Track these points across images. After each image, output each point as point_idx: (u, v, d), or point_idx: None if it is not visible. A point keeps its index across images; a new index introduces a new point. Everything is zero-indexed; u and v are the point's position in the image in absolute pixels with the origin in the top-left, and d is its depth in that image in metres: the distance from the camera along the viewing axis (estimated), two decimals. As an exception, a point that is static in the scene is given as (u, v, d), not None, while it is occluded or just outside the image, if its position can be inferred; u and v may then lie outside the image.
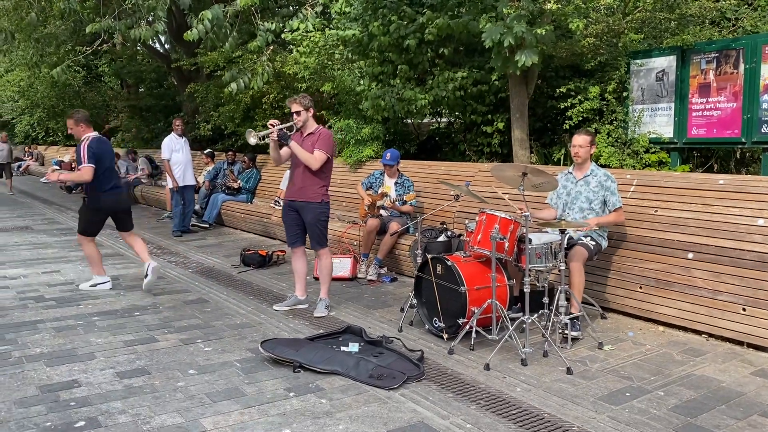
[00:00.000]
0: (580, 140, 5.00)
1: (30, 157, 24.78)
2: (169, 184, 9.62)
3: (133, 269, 7.21)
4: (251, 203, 10.36)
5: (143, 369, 4.15)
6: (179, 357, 4.38)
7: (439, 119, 10.05)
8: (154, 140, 17.07)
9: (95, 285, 6.26)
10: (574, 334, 4.63)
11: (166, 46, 17.33)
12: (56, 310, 5.53)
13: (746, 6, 7.21)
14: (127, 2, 8.84)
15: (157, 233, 9.83)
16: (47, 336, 4.82)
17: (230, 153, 11.24)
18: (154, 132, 17.54)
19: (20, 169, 23.05)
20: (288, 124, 5.23)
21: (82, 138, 6.00)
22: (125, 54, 18.32)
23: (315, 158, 5.19)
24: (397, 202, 6.81)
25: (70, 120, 6.09)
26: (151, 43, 14.52)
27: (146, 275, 6.02)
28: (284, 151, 5.34)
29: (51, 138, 25.70)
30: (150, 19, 9.76)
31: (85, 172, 5.89)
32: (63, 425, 3.34)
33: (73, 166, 18.84)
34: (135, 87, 20.58)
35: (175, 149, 9.42)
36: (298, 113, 5.24)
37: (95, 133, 6.12)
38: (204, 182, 10.91)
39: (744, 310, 4.46)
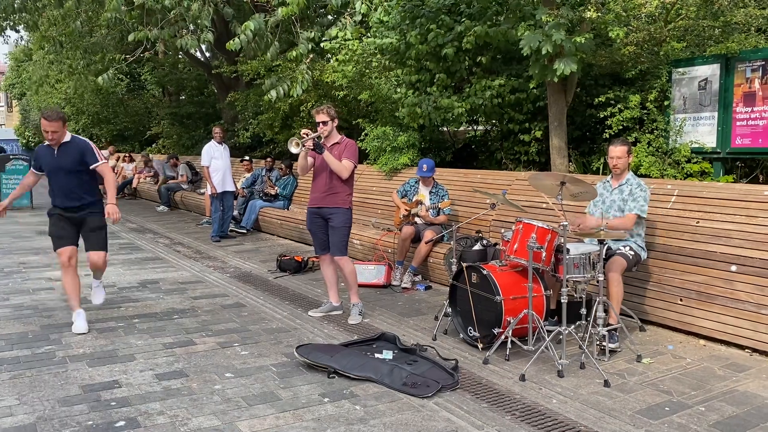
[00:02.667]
0: (617, 152, 4.93)
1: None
2: (209, 190, 9.79)
3: (172, 273, 7.35)
4: (288, 210, 10.48)
5: (181, 371, 4.22)
6: (216, 360, 4.45)
7: (475, 127, 10.01)
8: (194, 147, 17.39)
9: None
10: (612, 346, 4.55)
11: (207, 54, 17.67)
12: (98, 311, 5.67)
13: (794, 13, 7.02)
14: (171, 12, 9.05)
15: (196, 238, 10.01)
16: (89, 337, 4.94)
17: (268, 160, 11.40)
18: (195, 139, 17.87)
19: None
20: (316, 134, 5.30)
21: (67, 137, 5.06)
22: (167, 62, 18.74)
23: (345, 167, 5.29)
24: (431, 211, 6.80)
25: (59, 122, 4.94)
26: (192, 51, 14.82)
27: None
28: (309, 160, 5.45)
29: (95, 143, 26.41)
30: (192, 28, 9.97)
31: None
32: (104, 424, 3.43)
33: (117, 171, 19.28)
34: (176, 95, 21.04)
35: (214, 156, 9.61)
36: (324, 123, 5.34)
37: None
38: (240, 189, 11.06)
39: (790, 325, 4.33)
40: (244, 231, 10.38)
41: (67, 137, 5.06)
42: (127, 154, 18.98)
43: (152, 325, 5.29)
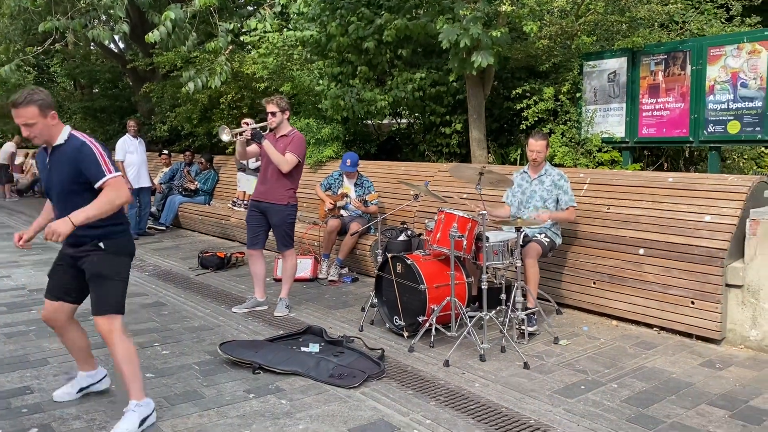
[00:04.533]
0: (538, 146, 5.10)
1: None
2: (124, 186, 9.44)
3: (87, 273, 7.05)
4: (209, 205, 10.24)
5: (98, 374, 4.06)
6: (136, 361, 4.30)
7: (399, 120, 10.10)
8: (108, 142, 16.68)
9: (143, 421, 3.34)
10: (531, 329, 4.72)
11: (121, 45, 16.98)
12: (7, 315, 5.38)
13: (693, 10, 7.45)
14: (81, 1, 8.63)
15: (112, 236, 9.62)
16: (-3, 342, 4.69)
17: (187, 153, 11.07)
18: (109, 133, 17.15)
19: None
20: (262, 124, 5.20)
21: (63, 136, 3.29)
22: (78, 54, 17.88)
23: (287, 161, 5.19)
24: (363, 204, 6.82)
25: (31, 107, 3.15)
26: (105, 43, 14.21)
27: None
28: (251, 148, 5.32)
29: (0, 140, 24.91)
30: (104, 18, 9.55)
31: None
32: (14, 433, 3.26)
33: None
34: (89, 88, 20.07)
35: (128, 150, 9.28)
36: (273, 114, 5.24)
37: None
38: (158, 185, 10.69)
39: (693, 303, 4.61)
40: (163, 228, 10.07)
41: (64, 135, 3.28)
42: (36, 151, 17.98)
43: (66, 327, 5.05)
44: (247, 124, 5.10)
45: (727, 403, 3.61)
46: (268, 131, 5.27)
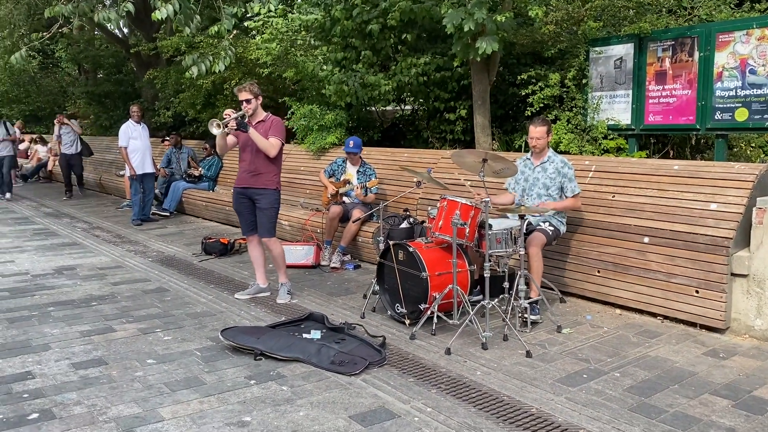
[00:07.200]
0: (537, 132, 5.05)
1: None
2: (128, 172, 9.44)
3: (90, 258, 7.06)
4: (213, 191, 10.22)
5: (100, 359, 4.07)
6: (137, 347, 4.31)
7: (402, 106, 10.04)
8: (112, 127, 16.68)
9: None
10: (534, 317, 4.70)
11: (125, 30, 16.89)
12: (9, 300, 5.39)
13: (701, -5, 7.34)
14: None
15: (116, 222, 9.64)
16: (0, 327, 4.69)
17: (173, 136, 10.94)
18: (113, 119, 17.13)
19: None
20: (240, 113, 5.18)
21: None
22: (82, 39, 17.83)
23: (272, 145, 5.18)
24: (363, 191, 6.78)
25: None
26: (110, 27, 14.12)
27: None
28: (230, 139, 5.32)
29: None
30: (108, 2, 9.49)
31: None
32: (15, 418, 3.27)
33: None
34: (93, 73, 20.04)
35: (132, 136, 9.26)
36: (248, 101, 5.22)
37: None
38: (161, 169, 10.66)
39: (697, 292, 4.58)
40: (167, 214, 10.07)
41: None
42: (38, 136, 17.96)
43: (69, 312, 5.07)
44: (229, 116, 5.08)
45: (731, 392, 3.58)
46: (246, 119, 5.25)
